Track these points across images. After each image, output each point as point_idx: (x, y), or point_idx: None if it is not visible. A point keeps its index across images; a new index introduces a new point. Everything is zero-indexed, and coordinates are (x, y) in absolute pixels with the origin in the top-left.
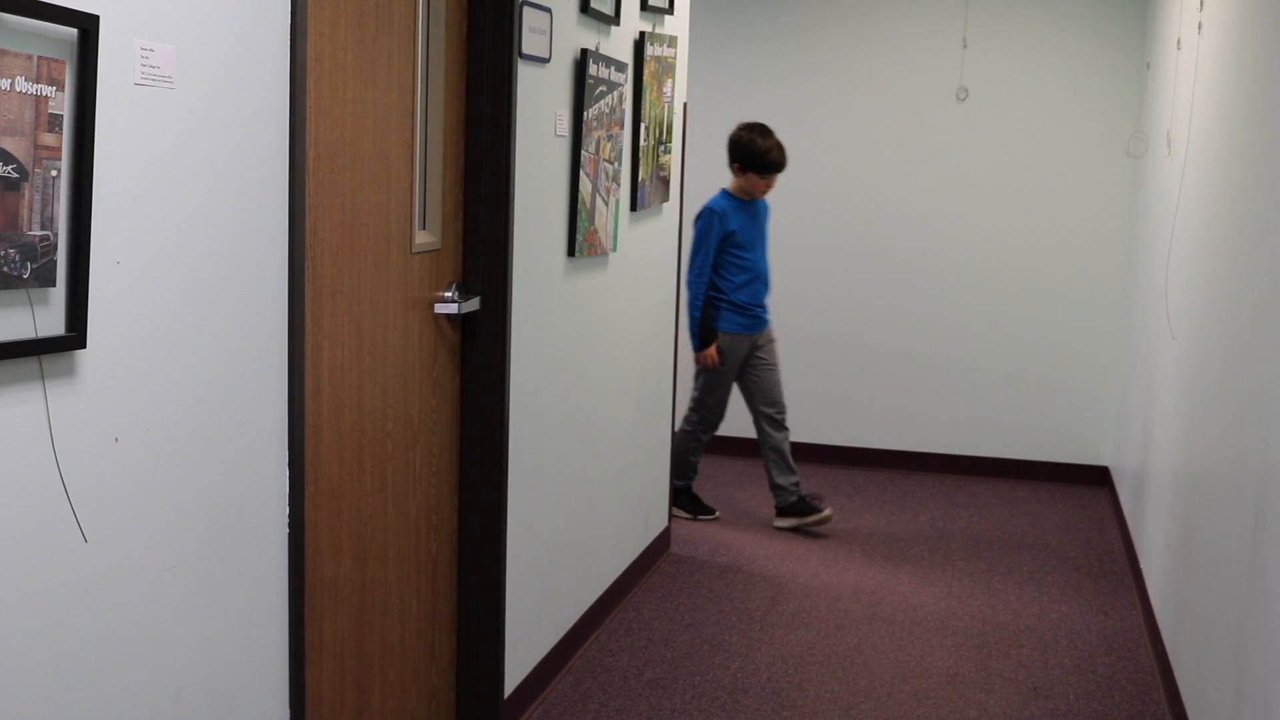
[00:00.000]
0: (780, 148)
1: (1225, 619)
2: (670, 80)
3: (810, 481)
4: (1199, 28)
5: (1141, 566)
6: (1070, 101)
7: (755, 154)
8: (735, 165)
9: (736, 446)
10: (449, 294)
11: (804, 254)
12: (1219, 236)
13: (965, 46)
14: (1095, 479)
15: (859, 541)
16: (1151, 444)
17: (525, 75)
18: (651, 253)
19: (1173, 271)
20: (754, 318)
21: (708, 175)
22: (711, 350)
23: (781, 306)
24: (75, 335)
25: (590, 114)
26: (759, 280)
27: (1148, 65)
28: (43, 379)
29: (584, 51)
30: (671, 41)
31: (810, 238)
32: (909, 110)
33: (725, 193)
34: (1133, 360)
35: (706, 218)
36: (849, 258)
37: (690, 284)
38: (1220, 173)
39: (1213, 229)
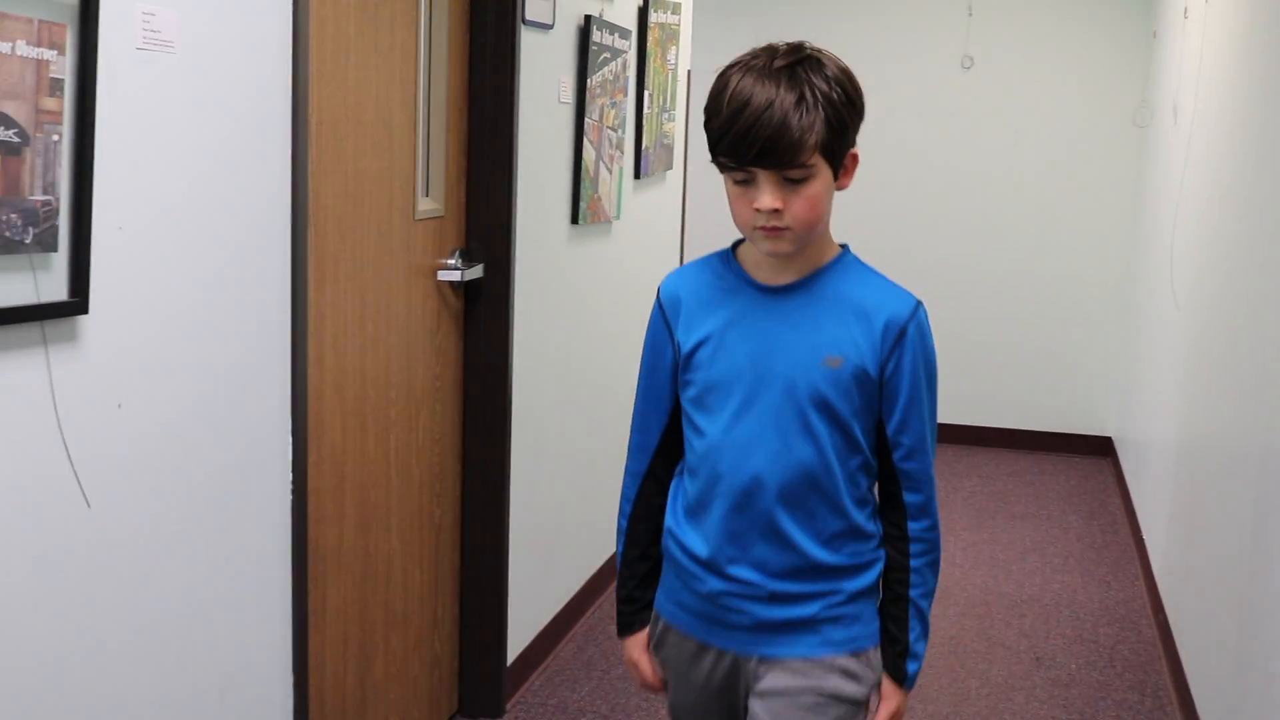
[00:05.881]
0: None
1: (1227, 590)
2: (674, 47)
3: None
4: None
5: (1144, 537)
6: (1076, 70)
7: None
8: None
9: None
10: (452, 261)
11: None
12: (1225, 207)
13: (970, 14)
14: (1098, 449)
15: None
16: (1155, 414)
17: (528, 42)
18: (655, 220)
19: (1178, 241)
20: None
21: (702, 143)
22: None
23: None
24: (78, 300)
25: (594, 81)
26: None
27: (1154, 34)
28: (45, 345)
29: (587, 18)
30: (675, 8)
31: None
32: (914, 78)
33: None
34: (1137, 330)
35: None
36: (850, 226)
37: None
38: (1226, 143)
39: (1218, 199)
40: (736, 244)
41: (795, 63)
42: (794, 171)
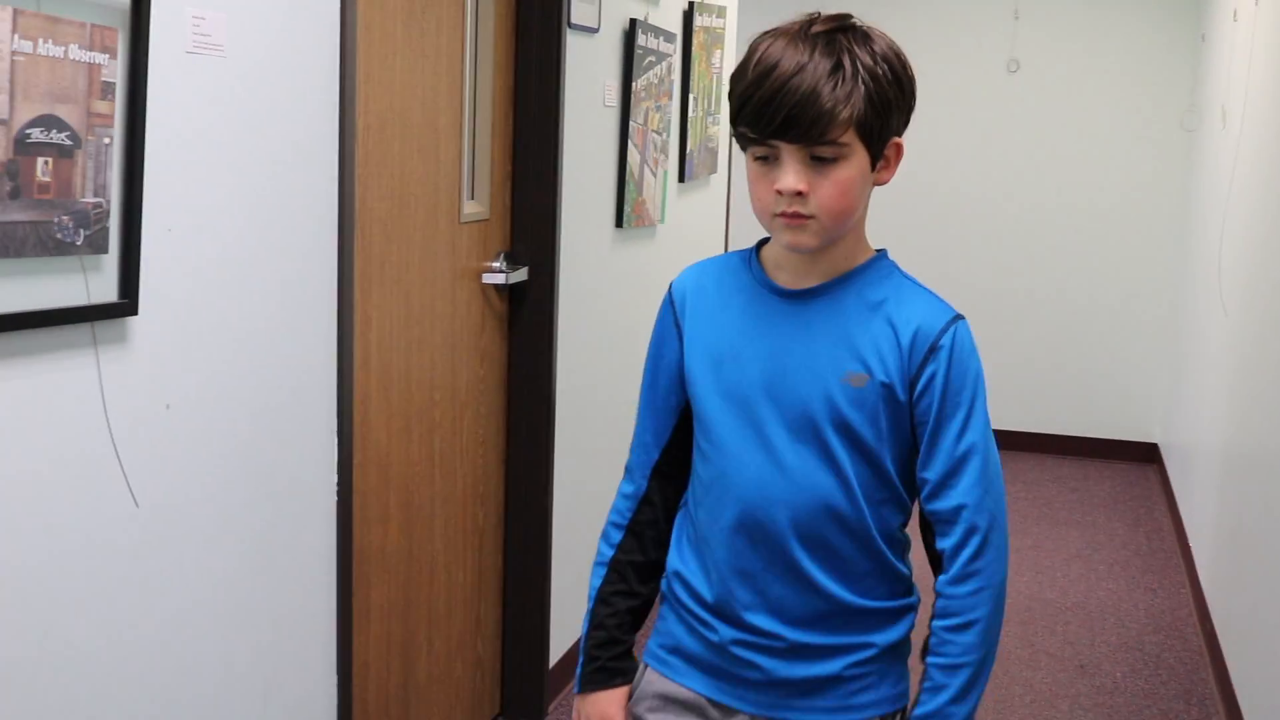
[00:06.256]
0: None
1: (1275, 598)
2: (719, 51)
3: None
4: (1256, 0)
5: (1191, 544)
6: (1123, 74)
7: None
8: None
9: None
10: (497, 264)
11: None
12: (1274, 212)
13: (1017, 18)
14: (1144, 456)
15: None
16: (1202, 421)
17: (574, 45)
18: (699, 224)
19: (1226, 246)
20: None
21: None
22: None
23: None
24: (127, 302)
25: (639, 84)
26: None
27: (1202, 38)
28: (95, 345)
29: (633, 21)
30: (720, 11)
31: None
32: (960, 82)
33: None
34: (1184, 336)
35: None
36: (897, 231)
37: None
38: (1276, 147)
39: (1268, 204)
40: (762, 243)
41: (837, 30)
42: (823, 149)
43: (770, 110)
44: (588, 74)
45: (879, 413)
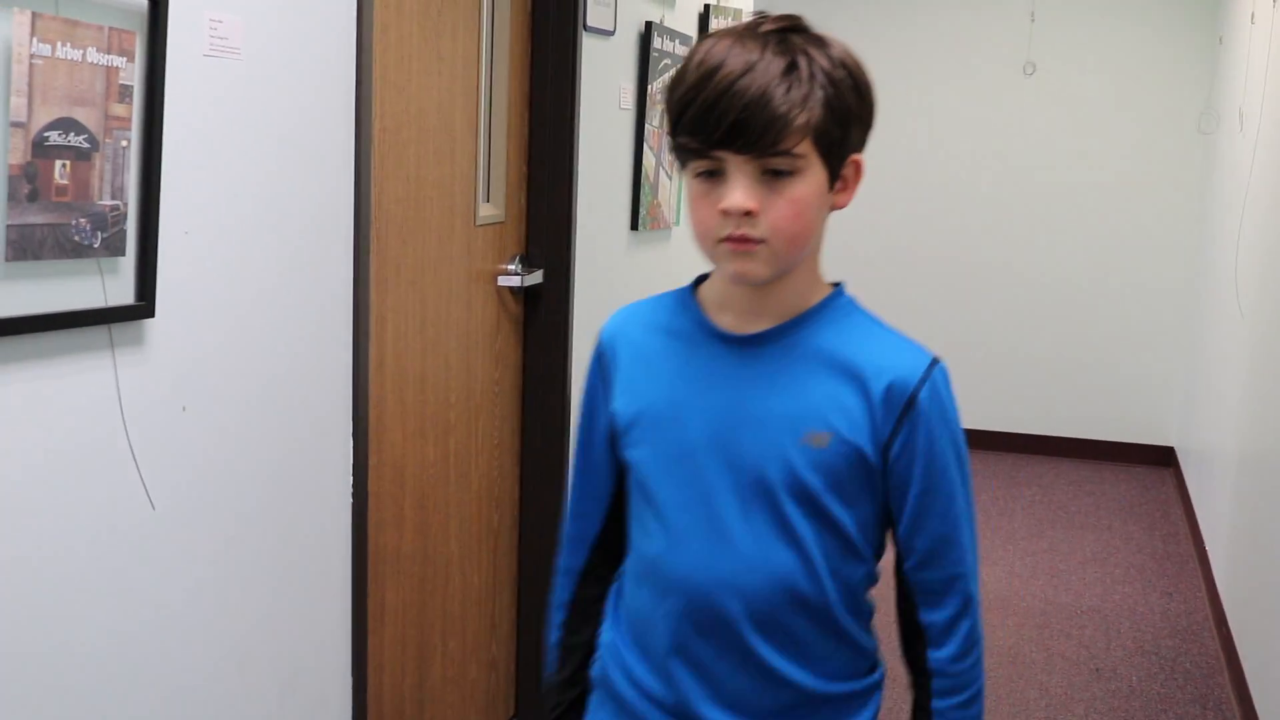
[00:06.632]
0: None
1: None
2: None
3: None
4: (1274, 1)
5: (1207, 548)
6: (1140, 76)
7: None
8: None
9: None
10: (512, 266)
11: (869, 231)
12: None
13: (1033, 20)
14: (1160, 459)
15: None
16: (1218, 424)
17: (589, 48)
18: None
19: (1243, 249)
20: None
21: None
22: None
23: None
24: (144, 304)
25: (655, 87)
26: None
27: (1220, 40)
28: (112, 348)
29: (648, 24)
30: (736, 15)
31: (875, 215)
32: (975, 85)
33: None
34: (1200, 339)
35: None
36: (914, 234)
37: None
38: None
39: None
40: (699, 280)
41: (789, 29)
42: (776, 160)
43: (715, 115)
44: (603, 77)
45: (844, 477)
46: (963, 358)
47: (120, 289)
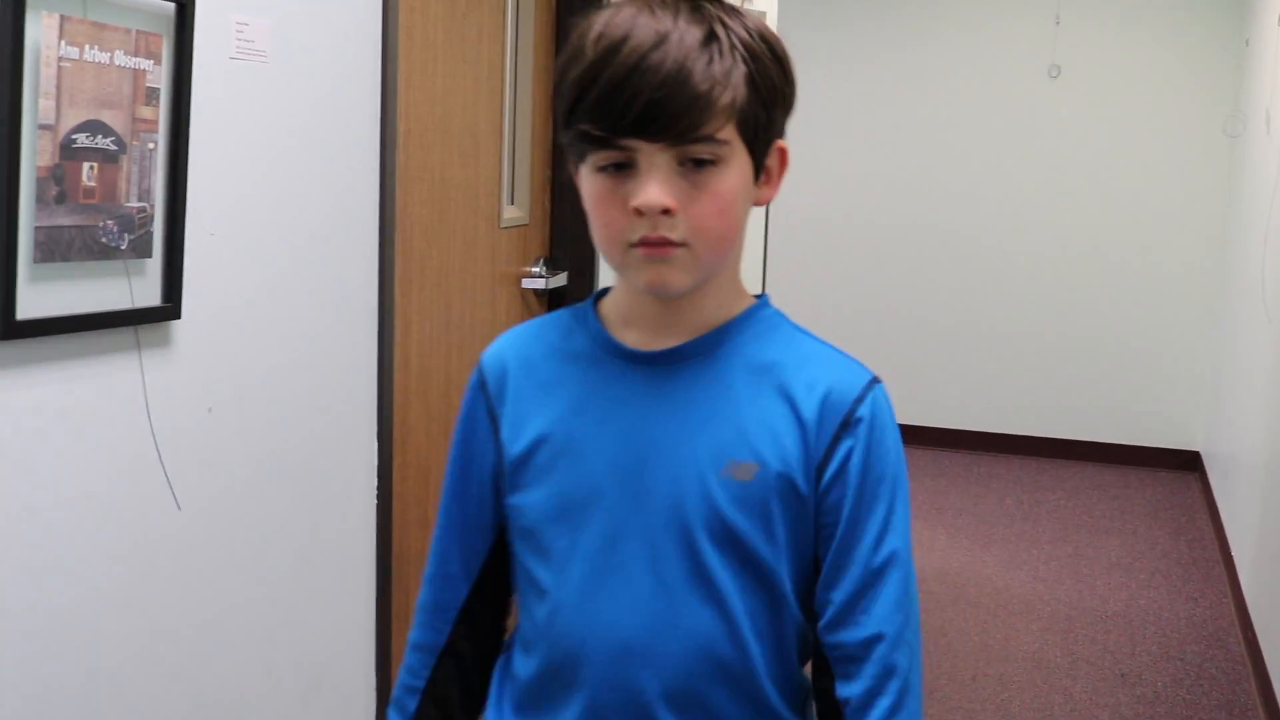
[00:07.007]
0: None
1: None
2: None
3: None
4: None
5: (1233, 553)
6: (1166, 79)
7: None
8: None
9: None
10: (536, 269)
11: (895, 235)
12: None
13: (1058, 23)
14: (1186, 464)
15: (944, 523)
16: (1245, 429)
17: None
18: None
19: (1270, 253)
20: None
21: (792, 151)
22: None
23: (873, 288)
24: (170, 306)
25: None
26: None
27: (1246, 42)
28: (139, 349)
29: None
30: (761, 16)
31: (901, 218)
32: (1000, 88)
33: None
34: (1226, 342)
35: None
36: (940, 238)
37: None
38: None
39: None
40: (598, 296)
41: None
42: (697, 148)
43: (624, 97)
44: None
45: (773, 514)
46: (987, 362)
47: (147, 290)
